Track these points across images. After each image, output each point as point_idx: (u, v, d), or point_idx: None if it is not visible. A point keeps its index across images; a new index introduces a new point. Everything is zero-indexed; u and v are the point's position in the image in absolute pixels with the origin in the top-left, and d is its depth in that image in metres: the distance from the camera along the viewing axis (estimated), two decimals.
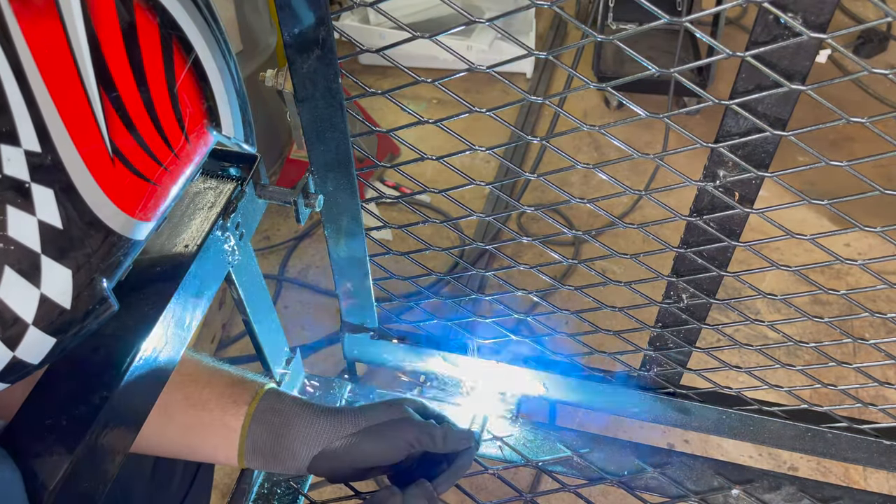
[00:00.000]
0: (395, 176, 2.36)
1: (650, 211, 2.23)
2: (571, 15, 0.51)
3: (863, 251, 2.06)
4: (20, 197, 0.35)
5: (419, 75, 0.56)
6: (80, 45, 0.36)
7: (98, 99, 0.38)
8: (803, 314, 0.65)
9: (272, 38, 2.23)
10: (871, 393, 1.71)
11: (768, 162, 0.53)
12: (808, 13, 0.44)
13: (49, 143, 0.36)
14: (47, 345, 0.41)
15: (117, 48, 0.39)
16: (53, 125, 0.36)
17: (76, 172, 0.38)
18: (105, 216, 0.41)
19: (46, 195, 0.36)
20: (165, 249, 0.55)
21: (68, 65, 0.36)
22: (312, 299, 2.03)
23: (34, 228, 0.36)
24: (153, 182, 0.44)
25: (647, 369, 0.74)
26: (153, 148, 0.44)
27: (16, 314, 0.37)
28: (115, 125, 0.40)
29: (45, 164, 0.36)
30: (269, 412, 0.67)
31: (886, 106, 2.52)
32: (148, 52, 0.41)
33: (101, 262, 0.42)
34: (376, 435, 0.66)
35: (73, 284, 0.40)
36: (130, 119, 0.41)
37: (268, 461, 0.67)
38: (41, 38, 0.34)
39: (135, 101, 0.41)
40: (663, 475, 0.77)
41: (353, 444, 0.66)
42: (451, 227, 0.73)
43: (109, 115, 0.39)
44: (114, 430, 0.48)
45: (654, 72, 0.49)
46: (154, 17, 0.41)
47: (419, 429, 0.67)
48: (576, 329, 0.72)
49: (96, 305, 0.43)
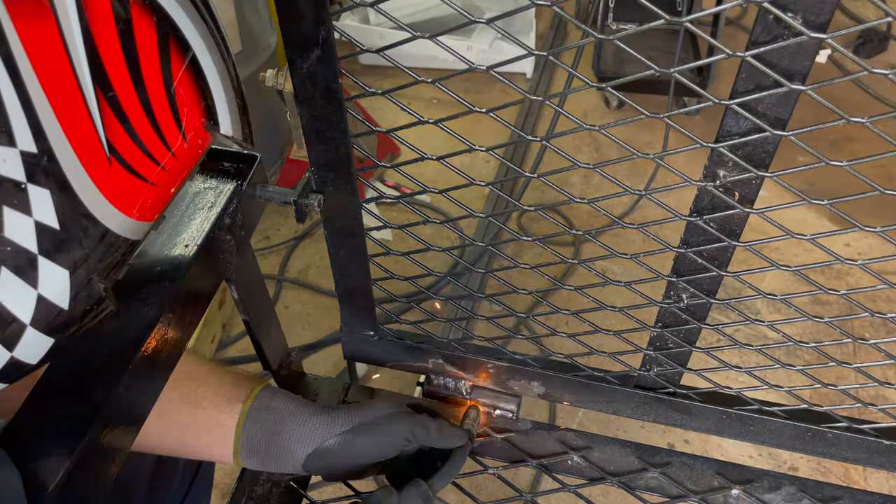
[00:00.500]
0: (395, 176, 2.36)
1: (650, 211, 2.23)
2: (571, 15, 0.51)
3: (863, 251, 2.06)
4: (16, 197, 0.35)
5: (419, 75, 0.56)
6: (75, 45, 0.36)
7: (94, 99, 0.38)
8: (803, 314, 0.65)
9: (272, 38, 2.23)
10: (871, 393, 1.71)
11: (768, 162, 0.53)
12: (808, 13, 0.43)
13: (45, 144, 0.35)
14: (45, 345, 0.41)
15: (114, 48, 0.39)
16: (49, 126, 0.35)
17: (73, 173, 0.38)
18: (102, 216, 0.41)
19: (43, 196, 0.36)
20: (165, 249, 0.55)
21: (64, 65, 0.36)
22: (312, 299, 2.03)
23: (31, 229, 0.36)
24: (151, 182, 0.44)
25: (647, 369, 0.74)
26: (150, 148, 0.44)
27: (13, 315, 0.37)
28: (111, 125, 0.40)
29: (41, 165, 0.35)
30: (263, 410, 0.67)
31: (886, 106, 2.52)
32: (145, 51, 0.41)
33: (99, 262, 0.42)
34: (370, 431, 0.67)
35: (71, 285, 0.40)
36: (127, 119, 0.41)
37: (263, 459, 0.67)
38: (36, 38, 0.34)
39: (131, 101, 0.41)
40: (663, 475, 0.77)
41: (347, 441, 0.66)
42: (451, 227, 0.73)
43: (106, 115, 0.39)
44: (114, 430, 0.48)
45: (654, 72, 0.49)
46: (151, 16, 0.41)
47: (413, 422, 0.67)
48: (576, 329, 0.72)
49: (94, 305, 0.43)
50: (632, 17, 2.40)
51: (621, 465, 0.79)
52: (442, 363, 0.80)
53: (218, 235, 0.58)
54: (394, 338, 0.80)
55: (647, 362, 0.74)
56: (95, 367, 0.48)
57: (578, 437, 0.81)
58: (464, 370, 0.80)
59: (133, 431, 0.51)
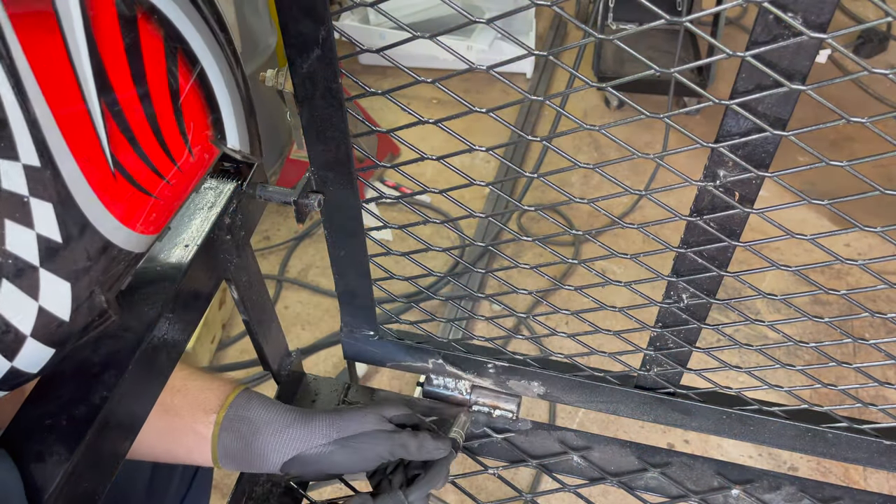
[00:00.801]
0: (395, 176, 2.36)
1: (650, 211, 2.23)
2: (571, 15, 0.51)
3: (863, 251, 2.06)
4: (18, 210, 0.35)
5: (419, 75, 0.56)
6: (80, 59, 0.36)
7: (99, 113, 0.38)
8: (803, 314, 0.65)
9: (272, 38, 2.23)
10: (871, 393, 1.71)
11: (768, 162, 0.53)
12: (808, 13, 0.43)
13: (48, 158, 0.35)
14: (46, 355, 0.41)
15: (120, 62, 0.39)
16: (53, 140, 0.35)
17: (76, 187, 0.37)
18: (105, 230, 0.40)
19: (45, 209, 0.36)
20: (165, 249, 0.55)
21: (69, 79, 0.36)
22: (312, 299, 2.03)
23: (33, 242, 0.36)
24: (155, 196, 0.44)
25: (647, 369, 0.74)
26: (155, 162, 0.43)
27: (14, 326, 0.37)
28: (116, 139, 0.39)
29: (44, 179, 0.35)
30: (237, 420, 0.68)
31: (886, 106, 2.52)
32: (151, 66, 0.41)
33: (101, 275, 0.41)
34: (347, 447, 0.67)
35: (73, 297, 0.40)
36: (132, 133, 0.41)
37: (241, 465, 0.69)
38: (41, 52, 0.34)
39: (137, 116, 0.41)
40: (663, 475, 0.77)
41: (323, 455, 0.67)
42: (451, 227, 0.73)
43: (111, 129, 0.39)
44: (114, 431, 0.48)
45: (654, 72, 0.49)
46: (159, 30, 0.41)
47: (391, 441, 0.68)
48: (576, 329, 0.72)
49: (96, 317, 0.43)
50: (632, 17, 2.40)
51: (621, 465, 0.79)
52: (442, 363, 0.80)
53: (218, 235, 0.58)
54: (394, 338, 0.80)
55: (647, 362, 0.74)
56: (95, 368, 0.48)
57: (578, 437, 0.81)
58: (464, 370, 0.80)
59: (132, 433, 0.51)
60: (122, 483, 0.78)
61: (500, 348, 0.78)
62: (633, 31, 0.51)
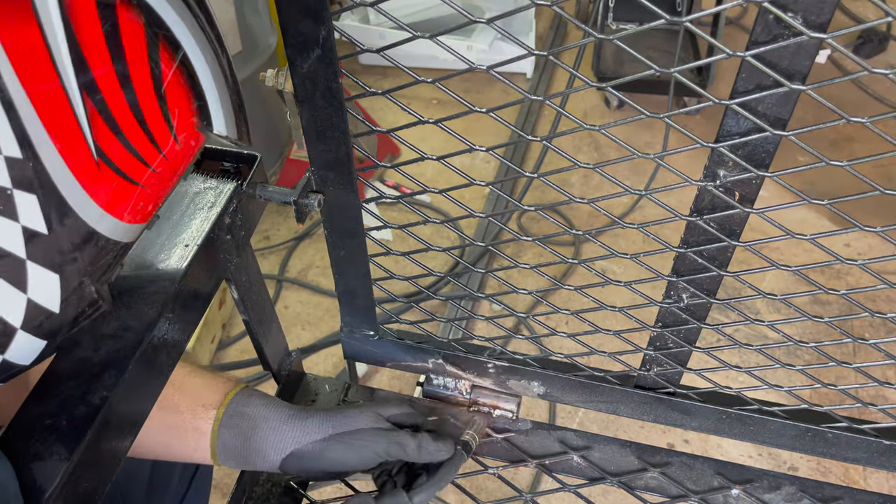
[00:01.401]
0: (395, 176, 2.36)
1: (650, 211, 2.23)
2: (571, 15, 0.51)
3: (863, 251, 2.07)
4: (2, 203, 0.34)
5: (419, 75, 0.56)
6: (59, 47, 0.35)
7: (80, 102, 0.37)
8: (803, 314, 0.65)
9: (272, 38, 2.23)
10: (871, 393, 1.71)
11: (768, 162, 0.53)
12: (808, 13, 0.43)
13: (30, 149, 0.35)
14: (37, 347, 0.41)
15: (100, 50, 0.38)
16: (34, 130, 0.35)
17: (60, 178, 0.37)
18: (91, 220, 0.40)
19: (29, 201, 0.35)
20: (165, 249, 0.55)
21: (48, 68, 0.35)
22: (312, 299, 2.04)
23: (18, 234, 0.36)
24: (141, 184, 0.43)
25: (647, 369, 0.74)
26: (140, 150, 0.43)
27: (3, 319, 0.37)
28: (99, 128, 0.39)
29: (26, 170, 0.35)
30: (236, 416, 0.68)
31: (886, 106, 2.52)
32: (132, 52, 0.40)
33: (90, 265, 0.41)
34: (344, 444, 0.67)
35: (61, 288, 0.40)
36: (115, 122, 0.40)
37: (239, 462, 0.69)
38: (18, 41, 0.33)
39: (120, 104, 0.40)
40: (663, 475, 0.77)
41: (320, 451, 0.67)
42: (451, 227, 0.73)
43: (93, 118, 0.38)
44: (114, 431, 0.48)
45: (654, 72, 0.49)
46: (139, 16, 0.40)
47: (388, 440, 0.67)
48: (576, 329, 0.72)
49: (86, 308, 0.43)
50: (632, 17, 2.40)
51: (621, 465, 0.79)
52: (442, 363, 0.80)
53: (218, 235, 0.58)
54: (394, 338, 0.80)
55: (647, 362, 0.74)
56: (95, 367, 0.48)
57: (578, 437, 0.81)
58: (464, 370, 0.80)
59: (132, 433, 0.51)
60: (121, 483, 0.78)
61: (500, 348, 0.78)
62: (633, 31, 0.51)
